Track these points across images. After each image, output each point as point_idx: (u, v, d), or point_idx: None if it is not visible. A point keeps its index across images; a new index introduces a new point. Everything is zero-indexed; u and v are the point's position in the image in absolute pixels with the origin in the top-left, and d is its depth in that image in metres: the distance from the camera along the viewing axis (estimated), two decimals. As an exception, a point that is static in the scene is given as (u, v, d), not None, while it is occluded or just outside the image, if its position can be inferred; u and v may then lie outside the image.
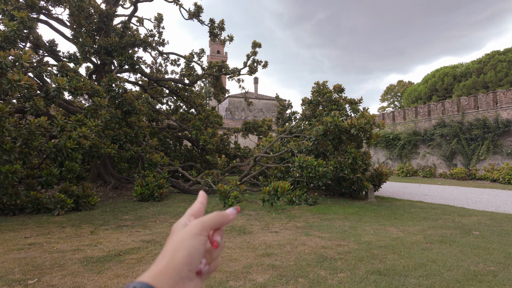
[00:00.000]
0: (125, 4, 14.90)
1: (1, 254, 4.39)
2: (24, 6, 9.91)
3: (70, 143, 7.98)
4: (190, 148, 17.45)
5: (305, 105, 12.77)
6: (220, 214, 0.48)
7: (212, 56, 59.97)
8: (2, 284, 3.30)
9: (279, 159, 11.97)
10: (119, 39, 12.19)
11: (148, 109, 14.52)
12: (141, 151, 11.84)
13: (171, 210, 8.23)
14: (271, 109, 45.47)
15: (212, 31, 14.49)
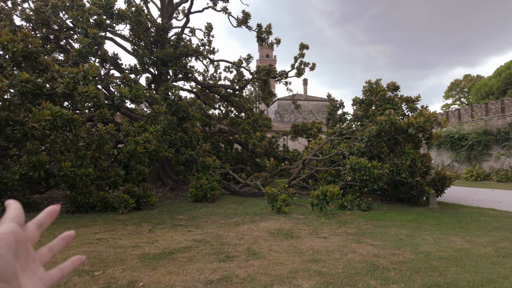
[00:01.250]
0: (178, 16, 15.89)
1: (75, 246, 4.96)
2: (93, 25, 11.14)
3: (140, 148, 8.76)
4: (241, 151, 17.87)
5: (357, 105, 12.23)
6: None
7: (262, 60, 60.77)
8: (74, 274, 3.73)
9: (329, 162, 11.63)
10: (173, 50, 13.02)
11: (201, 115, 15.25)
12: (195, 155, 12.46)
13: (221, 211, 8.50)
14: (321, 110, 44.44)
15: (259, 36, 14.71)
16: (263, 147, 14.42)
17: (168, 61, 13.15)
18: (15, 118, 6.54)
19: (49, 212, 0.46)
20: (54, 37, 12.47)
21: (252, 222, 7.11)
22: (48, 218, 0.45)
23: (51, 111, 6.74)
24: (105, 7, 11.03)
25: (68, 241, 0.47)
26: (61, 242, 0.46)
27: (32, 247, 0.40)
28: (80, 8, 10.64)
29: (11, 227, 0.37)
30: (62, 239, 0.46)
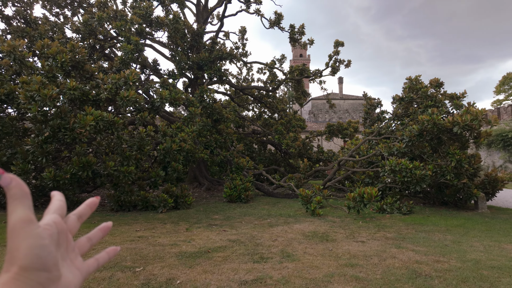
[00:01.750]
0: (213, 21, 16.27)
1: (118, 243, 5.27)
2: (134, 33, 11.77)
3: (175, 146, 9.15)
4: (274, 152, 17.85)
5: (396, 103, 11.67)
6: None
7: (295, 60, 60.28)
8: (117, 270, 3.96)
9: (367, 163, 11.21)
10: (208, 54, 13.36)
11: (235, 117, 15.49)
12: (229, 156, 12.68)
13: (255, 212, 8.55)
14: (358, 109, 43.00)
15: (292, 37, 14.61)
16: (297, 147, 14.27)
17: (203, 65, 13.52)
18: (66, 125, 7.11)
19: (89, 204, 0.47)
20: (100, 46, 13.39)
21: (286, 223, 7.06)
22: (88, 210, 0.47)
23: (93, 116, 7.22)
24: (145, 16, 11.62)
25: (106, 232, 0.49)
26: (99, 233, 0.48)
27: (72, 237, 0.42)
28: (123, 19, 11.31)
29: (54, 218, 0.39)
30: (100, 230, 0.48)
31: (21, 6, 13.14)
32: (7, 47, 7.65)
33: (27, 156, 7.21)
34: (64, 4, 14.74)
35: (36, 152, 7.06)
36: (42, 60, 8.50)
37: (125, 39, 10.64)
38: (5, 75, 8.99)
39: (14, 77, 9.56)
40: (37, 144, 7.15)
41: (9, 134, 8.33)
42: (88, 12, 12.79)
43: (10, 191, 0.35)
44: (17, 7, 13.06)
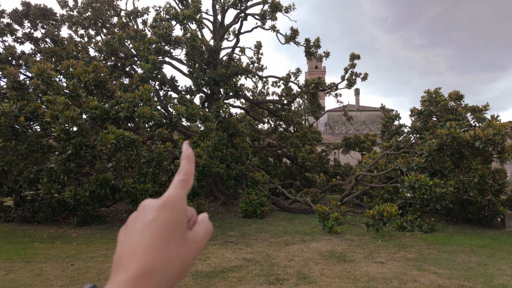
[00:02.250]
0: (229, 37, 16.65)
1: (136, 260, 5.35)
2: (153, 52, 12.19)
3: None
4: (290, 166, 17.75)
5: (415, 116, 11.44)
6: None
7: (310, 72, 60.39)
8: None
9: (386, 178, 10.95)
10: (225, 70, 13.63)
11: (250, 130, 15.59)
12: (244, 170, 12.71)
13: (271, 229, 8.47)
14: (376, 121, 42.31)
15: (308, 51, 14.70)
16: (313, 161, 14.15)
17: (220, 81, 13.78)
18: (87, 143, 7.38)
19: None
20: (121, 64, 13.94)
21: (303, 242, 6.96)
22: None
23: (114, 134, 7.46)
24: (164, 35, 12.04)
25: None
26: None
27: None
28: (142, 38, 11.77)
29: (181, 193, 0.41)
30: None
31: (50, 27, 13.94)
32: (36, 70, 8.09)
33: (51, 174, 7.50)
34: (88, 25, 15.50)
35: (58, 170, 7.33)
36: (68, 80, 8.94)
37: (143, 58, 11.04)
38: (32, 94, 9.48)
39: (40, 95, 10.07)
40: (60, 162, 7.44)
41: (35, 151, 8.71)
42: (110, 33, 13.39)
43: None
44: (46, 29, 13.85)
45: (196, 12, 12.60)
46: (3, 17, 13.16)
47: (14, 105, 8.24)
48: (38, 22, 13.94)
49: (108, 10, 15.70)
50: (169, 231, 0.36)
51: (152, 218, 0.37)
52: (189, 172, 0.43)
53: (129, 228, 0.39)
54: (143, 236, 0.36)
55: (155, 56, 11.24)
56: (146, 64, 10.86)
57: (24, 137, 8.69)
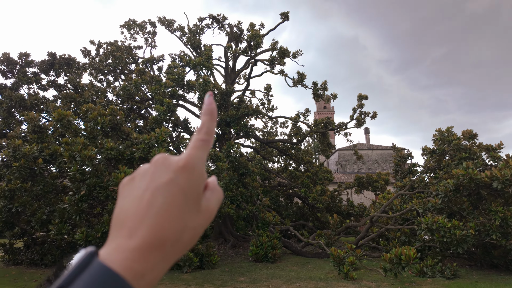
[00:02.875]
0: (240, 81, 17.40)
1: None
2: (168, 95, 12.76)
3: None
4: (301, 206, 17.38)
5: (427, 156, 11.31)
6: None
7: (319, 112, 61.43)
8: None
9: (402, 219, 10.56)
10: (235, 112, 14.05)
11: (260, 170, 15.60)
12: (255, 210, 12.50)
13: (283, 274, 8.10)
14: (388, 160, 41.81)
15: (315, 93, 15.14)
16: (324, 202, 13.85)
17: (231, 122, 14.14)
18: (101, 183, 7.51)
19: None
20: (137, 107, 14.58)
21: (317, 288, 6.59)
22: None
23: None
24: (178, 80, 12.69)
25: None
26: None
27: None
28: (158, 83, 12.41)
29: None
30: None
31: (72, 75, 14.92)
32: (57, 116, 8.53)
33: (63, 214, 7.56)
34: (108, 71, 16.52)
35: (71, 211, 7.39)
36: (86, 123, 9.35)
37: (158, 101, 11.54)
38: (51, 137, 9.89)
39: (59, 138, 10.49)
40: (73, 202, 7.52)
41: (49, 192, 8.87)
42: (128, 79, 14.21)
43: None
44: (68, 76, 14.82)
45: (207, 59, 13.34)
46: (31, 67, 14.21)
47: (34, 147, 8.57)
48: (61, 70, 14.96)
49: (127, 58, 16.81)
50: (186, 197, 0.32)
51: (169, 178, 0.32)
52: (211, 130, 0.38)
53: (138, 182, 0.34)
54: (156, 198, 0.31)
55: (169, 100, 11.75)
56: (161, 107, 11.32)
57: (41, 178, 8.91)
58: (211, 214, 0.36)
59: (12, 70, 13.50)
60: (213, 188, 0.38)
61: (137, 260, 0.28)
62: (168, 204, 0.31)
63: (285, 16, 16.14)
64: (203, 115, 0.39)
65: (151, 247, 0.29)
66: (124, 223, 0.31)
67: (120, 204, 0.33)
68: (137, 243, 0.29)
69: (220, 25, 17.73)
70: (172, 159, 0.34)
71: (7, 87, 13.26)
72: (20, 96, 12.89)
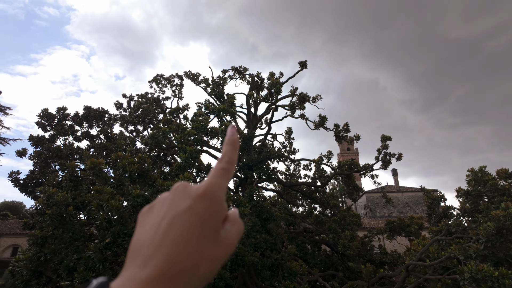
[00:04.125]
0: (261, 126, 17.83)
1: None
2: (192, 142, 13.23)
3: None
4: (329, 253, 16.43)
5: (462, 197, 10.62)
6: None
7: (343, 154, 60.59)
8: None
9: (441, 267, 9.65)
10: (257, 156, 14.20)
11: (284, 214, 15.19)
12: (280, 259, 11.93)
13: (313, 331, 7.42)
14: (419, 202, 39.49)
15: (337, 135, 15.14)
16: (355, 248, 13.03)
17: (253, 166, 14.24)
18: (125, 231, 7.61)
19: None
20: (163, 154, 15.14)
21: None
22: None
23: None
24: (201, 128, 13.23)
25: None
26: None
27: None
28: (183, 131, 12.98)
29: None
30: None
31: (105, 126, 16.01)
32: (90, 164, 9.03)
33: (88, 262, 7.61)
34: (137, 122, 17.59)
35: (95, 259, 7.44)
36: (115, 171, 9.78)
37: (181, 149, 11.97)
38: (83, 185, 10.35)
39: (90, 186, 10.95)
40: (98, 250, 7.59)
41: (77, 240, 9.04)
42: (156, 127, 15.00)
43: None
44: (101, 127, 15.91)
45: (231, 106, 13.95)
46: (67, 120, 15.46)
47: (68, 194, 8.96)
48: (95, 122, 16.13)
49: (156, 108, 17.93)
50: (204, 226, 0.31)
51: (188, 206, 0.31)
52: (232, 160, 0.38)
53: (157, 210, 0.33)
54: (174, 225, 0.30)
55: (192, 147, 12.16)
56: (183, 155, 11.70)
57: (70, 225, 9.17)
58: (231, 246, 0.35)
59: (51, 123, 14.70)
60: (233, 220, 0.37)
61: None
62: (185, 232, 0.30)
63: (303, 64, 16.89)
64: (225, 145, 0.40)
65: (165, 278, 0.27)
66: (139, 251, 0.30)
67: (138, 232, 0.33)
68: (150, 273, 0.27)
69: (242, 75, 18.77)
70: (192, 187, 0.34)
71: (46, 139, 14.36)
72: (58, 147, 13.87)
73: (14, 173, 13.04)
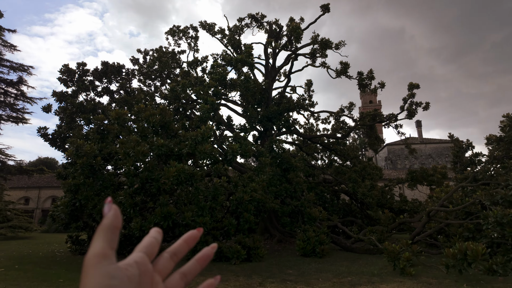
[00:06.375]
0: (280, 78, 17.28)
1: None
2: (211, 95, 13.11)
3: (246, 197, 9.33)
4: (348, 202, 16.71)
5: (493, 144, 10.18)
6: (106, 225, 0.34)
7: (364, 107, 58.79)
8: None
9: (463, 213, 9.61)
10: (277, 107, 13.97)
11: (304, 165, 15.30)
12: (300, 206, 12.27)
13: (333, 269, 7.80)
14: (443, 154, 38.59)
15: (361, 83, 14.47)
16: (374, 197, 13.15)
17: (272, 118, 14.10)
18: (152, 176, 7.90)
19: (185, 239, 0.40)
20: (183, 109, 15.19)
21: (371, 283, 6.23)
22: (184, 246, 0.40)
23: (176, 168, 7.89)
24: (220, 79, 12.97)
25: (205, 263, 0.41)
26: (196, 265, 0.40)
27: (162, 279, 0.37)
28: (202, 84, 12.80)
29: (137, 257, 0.35)
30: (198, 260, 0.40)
31: (123, 81, 16.04)
32: (114, 115, 9.18)
33: (120, 207, 8.08)
34: (155, 76, 17.47)
35: (126, 204, 7.87)
36: (138, 123, 9.95)
37: (203, 100, 11.90)
38: (109, 138, 10.68)
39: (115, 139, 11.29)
40: (128, 195, 8.01)
41: (107, 188, 9.56)
42: (174, 81, 14.87)
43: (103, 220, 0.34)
44: (120, 82, 15.95)
45: (248, 56, 13.45)
46: (87, 76, 15.54)
47: (95, 146, 9.30)
48: (113, 77, 16.15)
49: (172, 63, 17.62)
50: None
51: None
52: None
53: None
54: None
55: (213, 98, 12.05)
56: (205, 105, 11.66)
57: (100, 175, 9.66)
58: None
59: (72, 79, 14.85)
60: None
61: None
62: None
63: (326, 8, 15.71)
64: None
65: None
66: None
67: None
68: None
69: (259, 23, 17.80)
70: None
71: (68, 94, 14.63)
72: (81, 102, 14.15)
73: (42, 129, 13.58)
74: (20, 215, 20.95)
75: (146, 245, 0.37)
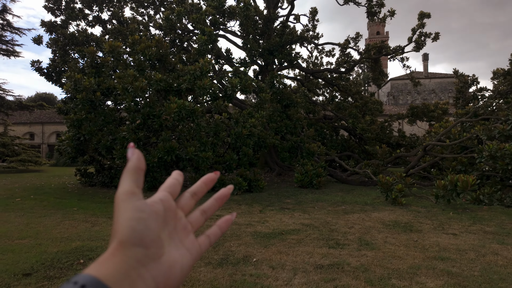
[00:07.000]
0: (283, 5, 15.98)
1: (199, 220, 5.71)
2: (208, 24, 12.32)
3: (245, 131, 9.49)
4: (347, 138, 17.02)
5: (499, 78, 9.94)
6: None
7: (371, 39, 55.73)
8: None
9: (459, 148, 9.86)
10: (279, 39, 13.25)
11: (305, 102, 15.17)
12: (299, 141, 12.54)
13: (328, 198, 8.32)
14: (447, 89, 37.91)
15: (370, 11, 13.46)
16: (373, 132, 13.34)
17: (274, 51, 13.48)
18: (154, 112, 7.89)
19: (204, 181, 0.44)
20: (179, 40, 14.42)
21: (363, 211, 6.70)
22: (203, 186, 0.43)
23: (177, 104, 7.84)
24: (218, 7, 12.04)
25: (222, 201, 0.44)
26: (215, 203, 0.43)
27: (184, 215, 0.40)
28: (198, 11, 11.92)
29: (161, 196, 0.38)
30: (216, 199, 0.44)
31: (115, 9, 14.91)
32: (108, 47, 8.75)
33: (123, 142, 8.26)
34: (147, 4, 16.19)
35: (129, 139, 8.02)
36: (133, 56, 9.55)
37: (200, 30, 11.22)
38: (106, 71, 10.37)
39: (112, 73, 10.97)
40: (131, 130, 8.11)
41: (109, 123, 9.64)
42: (168, 8, 13.82)
43: (128, 163, 0.36)
44: (111, 11, 14.85)
45: (249, -21, 12.24)
46: (76, 3, 14.39)
47: (93, 81, 9.09)
48: (104, 5, 14.97)
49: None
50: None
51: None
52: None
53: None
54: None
55: (210, 28, 11.35)
56: (202, 36, 11.04)
57: (101, 110, 9.65)
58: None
59: (59, 7, 13.80)
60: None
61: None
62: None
63: None
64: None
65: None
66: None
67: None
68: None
69: None
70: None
71: (58, 24, 13.75)
72: (72, 33, 13.37)
73: (35, 62, 13.11)
74: (27, 150, 21.59)
75: (169, 185, 0.41)
